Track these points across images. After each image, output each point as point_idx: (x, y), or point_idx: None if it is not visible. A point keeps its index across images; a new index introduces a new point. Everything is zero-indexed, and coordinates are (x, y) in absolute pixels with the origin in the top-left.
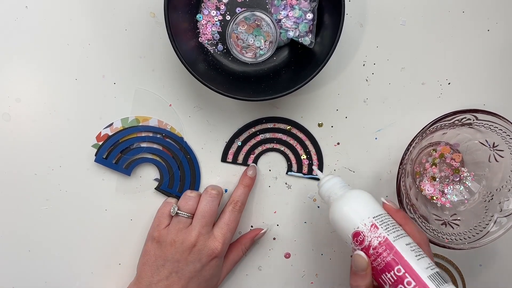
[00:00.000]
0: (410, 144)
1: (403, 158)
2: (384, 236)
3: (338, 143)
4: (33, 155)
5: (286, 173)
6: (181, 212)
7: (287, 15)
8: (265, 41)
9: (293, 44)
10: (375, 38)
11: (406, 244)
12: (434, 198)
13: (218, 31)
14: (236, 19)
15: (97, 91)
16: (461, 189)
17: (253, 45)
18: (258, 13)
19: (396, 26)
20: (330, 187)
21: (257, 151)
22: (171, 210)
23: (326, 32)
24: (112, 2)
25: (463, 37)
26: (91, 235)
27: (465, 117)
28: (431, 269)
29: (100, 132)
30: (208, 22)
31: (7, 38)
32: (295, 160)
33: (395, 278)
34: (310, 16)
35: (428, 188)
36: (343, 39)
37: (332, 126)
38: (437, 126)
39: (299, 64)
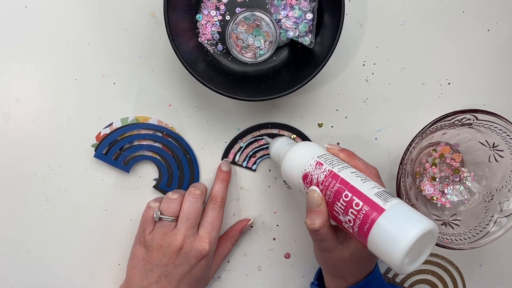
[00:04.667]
0: (410, 144)
1: (403, 158)
2: (328, 169)
3: (338, 143)
4: (33, 155)
5: (284, 182)
6: (164, 217)
7: (287, 15)
8: (264, 41)
9: (293, 44)
10: (375, 38)
11: (351, 172)
12: (434, 198)
13: (217, 31)
14: (235, 19)
15: (97, 91)
16: (461, 189)
17: (253, 45)
18: (257, 13)
19: (396, 26)
20: (278, 146)
21: (258, 155)
22: (154, 215)
23: (326, 32)
24: (112, 2)
25: (463, 37)
26: (91, 235)
27: (465, 117)
28: (377, 189)
29: (100, 132)
30: (208, 22)
31: (7, 38)
32: None
33: (345, 204)
34: (310, 16)
35: (428, 188)
36: (343, 39)
37: (332, 126)
38: (437, 126)
39: (299, 64)
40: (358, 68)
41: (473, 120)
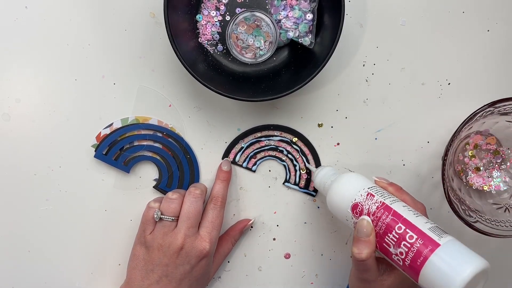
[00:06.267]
0: (444, 159)
1: (443, 174)
2: (380, 201)
3: (338, 143)
4: (33, 155)
5: (283, 184)
6: (165, 217)
7: (287, 15)
8: (265, 42)
9: (293, 44)
10: (375, 38)
11: (403, 206)
12: (486, 187)
13: (218, 32)
14: (236, 19)
15: (97, 91)
16: (507, 167)
17: (253, 45)
18: (258, 14)
19: (396, 26)
20: (323, 176)
21: (259, 156)
22: (155, 216)
23: (326, 32)
24: (112, 2)
25: (463, 37)
26: (91, 235)
27: (485, 111)
28: (431, 224)
29: (100, 132)
30: (208, 22)
31: (7, 38)
32: (294, 173)
33: (397, 237)
34: (310, 16)
35: (476, 180)
36: (343, 39)
37: (332, 127)
38: (461, 127)
39: (299, 64)
40: (358, 69)
41: (493, 109)
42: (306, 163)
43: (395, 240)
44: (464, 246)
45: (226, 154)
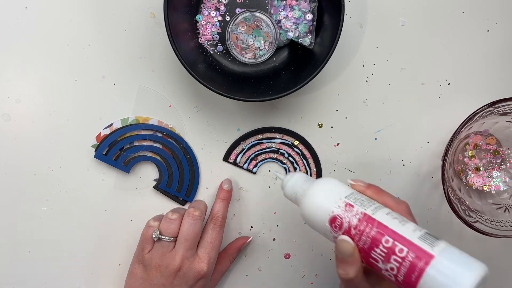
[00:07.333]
0: (444, 159)
1: (442, 174)
2: (361, 212)
3: (338, 144)
4: (33, 156)
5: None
6: (164, 237)
7: (287, 15)
8: (264, 42)
9: (292, 44)
10: (374, 38)
11: (386, 214)
12: (486, 187)
13: (217, 32)
14: (235, 19)
15: (97, 91)
16: (507, 167)
17: (253, 45)
18: (257, 14)
19: (396, 26)
20: (293, 184)
21: (260, 158)
22: (153, 235)
23: (325, 32)
24: (112, 3)
25: (463, 38)
26: (91, 235)
27: (484, 111)
28: (419, 231)
29: (100, 133)
30: (208, 22)
31: (7, 38)
32: None
33: (386, 251)
34: (309, 16)
35: (476, 181)
36: (343, 39)
37: (332, 127)
38: (461, 128)
39: (299, 64)
40: (358, 69)
41: (493, 110)
42: (274, 171)
43: (383, 255)
44: (459, 251)
45: (227, 155)
